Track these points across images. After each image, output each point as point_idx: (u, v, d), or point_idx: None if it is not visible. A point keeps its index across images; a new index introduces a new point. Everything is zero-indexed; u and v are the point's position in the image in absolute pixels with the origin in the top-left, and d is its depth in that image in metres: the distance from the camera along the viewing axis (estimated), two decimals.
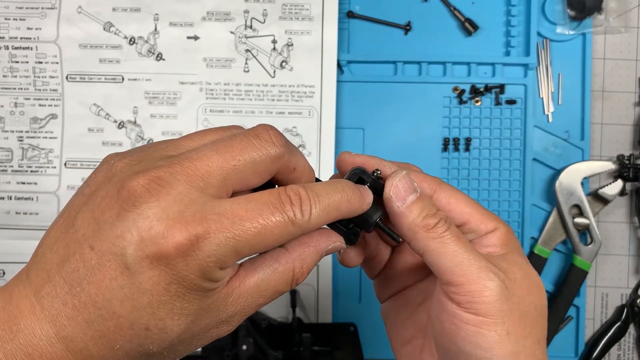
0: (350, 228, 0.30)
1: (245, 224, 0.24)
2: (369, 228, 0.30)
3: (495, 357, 0.28)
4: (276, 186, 0.28)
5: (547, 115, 0.64)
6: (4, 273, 0.61)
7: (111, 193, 0.24)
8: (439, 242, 0.29)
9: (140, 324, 0.23)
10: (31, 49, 0.62)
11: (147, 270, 0.23)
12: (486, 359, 0.28)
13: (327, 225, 0.30)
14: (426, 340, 0.34)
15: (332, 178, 0.33)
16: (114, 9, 0.62)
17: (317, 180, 0.30)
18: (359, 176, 0.31)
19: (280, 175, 0.28)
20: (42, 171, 0.62)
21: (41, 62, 0.62)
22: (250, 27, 0.62)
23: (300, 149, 0.61)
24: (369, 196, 0.29)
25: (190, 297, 0.24)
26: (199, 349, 0.60)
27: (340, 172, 0.32)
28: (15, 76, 0.62)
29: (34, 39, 0.62)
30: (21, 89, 0.62)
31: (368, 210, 0.29)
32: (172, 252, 0.23)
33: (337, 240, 0.29)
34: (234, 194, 0.26)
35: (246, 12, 0.62)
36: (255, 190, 0.27)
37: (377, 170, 0.31)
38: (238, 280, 0.26)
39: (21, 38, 0.62)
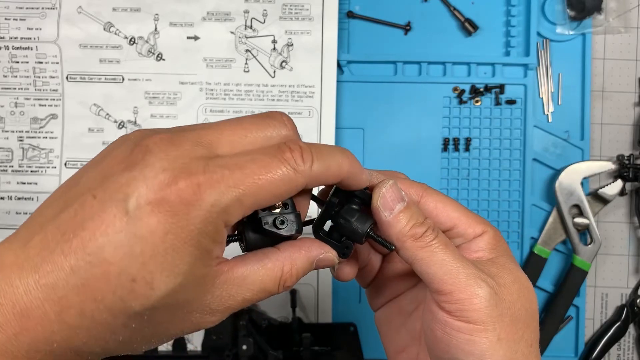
0: (342, 242, 0.30)
1: (246, 172, 0.24)
2: (360, 239, 0.30)
3: None
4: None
5: (547, 115, 0.64)
6: None
7: (124, 152, 0.24)
8: (427, 251, 0.29)
9: (128, 274, 0.23)
10: (31, 49, 0.62)
11: (147, 216, 0.23)
12: None
13: (320, 238, 0.30)
14: (421, 348, 0.34)
15: (319, 193, 0.33)
16: (114, 9, 0.62)
17: None
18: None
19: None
20: (42, 171, 0.62)
21: (41, 62, 0.62)
22: (250, 27, 0.62)
23: None
24: (366, 173, 0.30)
25: (184, 253, 0.23)
26: (199, 349, 0.60)
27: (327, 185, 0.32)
28: (16, 76, 0.62)
29: (34, 39, 0.62)
30: (21, 89, 0.62)
31: (357, 221, 0.30)
32: (174, 199, 0.23)
33: (329, 251, 0.29)
34: None
35: (246, 12, 0.62)
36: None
37: None
38: (227, 265, 0.26)
39: (21, 38, 0.62)
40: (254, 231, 0.28)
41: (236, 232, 0.29)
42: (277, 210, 0.27)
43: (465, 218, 0.32)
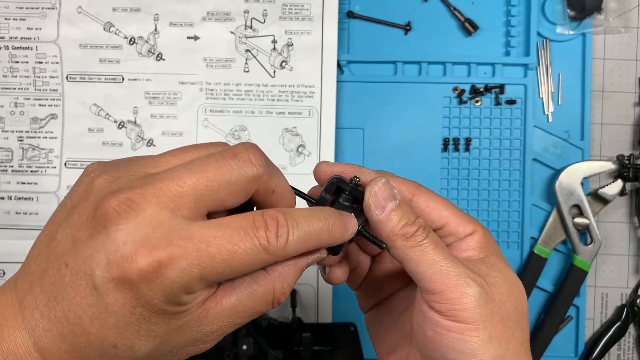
0: None
1: (211, 250, 0.23)
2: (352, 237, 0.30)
3: None
4: (255, 208, 0.27)
5: (547, 115, 0.64)
6: (4, 273, 0.61)
7: (87, 211, 0.24)
8: (417, 250, 0.29)
9: (108, 342, 0.24)
10: (31, 49, 0.62)
11: (113, 292, 0.23)
12: None
13: None
14: (411, 348, 0.34)
15: (311, 189, 0.33)
16: (114, 9, 0.62)
17: (296, 189, 0.30)
18: (337, 185, 0.30)
19: (258, 196, 0.27)
20: (42, 171, 0.62)
21: (41, 62, 0.62)
22: (250, 27, 0.62)
23: (300, 149, 0.61)
24: (352, 225, 0.29)
25: (156, 320, 0.24)
26: None
27: (319, 183, 0.32)
28: (16, 76, 0.62)
29: (34, 39, 0.62)
30: (21, 89, 0.62)
31: None
32: (135, 277, 0.23)
33: (316, 252, 0.29)
34: (211, 214, 0.25)
35: (246, 12, 0.62)
36: (234, 210, 0.26)
37: (356, 177, 0.31)
38: (214, 301, 0.26)
39: (21, 38, 0.62)
40: None
41: None
42: None
43: (456, 217, 0.32)
